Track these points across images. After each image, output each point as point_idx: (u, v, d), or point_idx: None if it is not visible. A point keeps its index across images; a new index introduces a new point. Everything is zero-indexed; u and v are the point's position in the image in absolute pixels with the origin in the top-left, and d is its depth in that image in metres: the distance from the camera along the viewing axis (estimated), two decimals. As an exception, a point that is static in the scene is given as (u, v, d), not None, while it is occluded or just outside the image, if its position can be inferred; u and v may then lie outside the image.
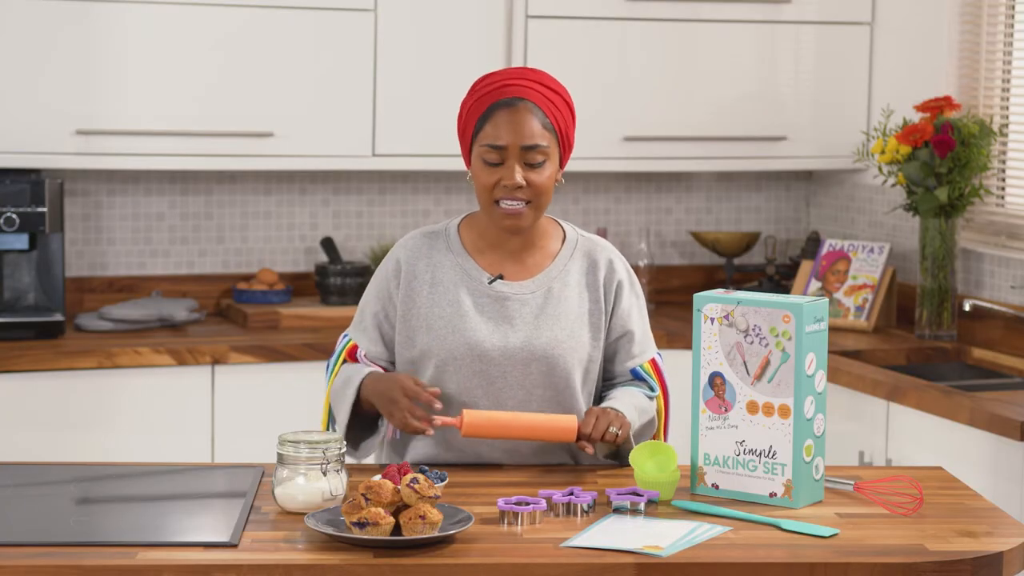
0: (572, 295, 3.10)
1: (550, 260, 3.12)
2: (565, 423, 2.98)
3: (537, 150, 2.99)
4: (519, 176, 2.98)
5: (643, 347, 3.17)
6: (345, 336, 3.17)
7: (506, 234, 3.07)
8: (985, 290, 4.75)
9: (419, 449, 3.13)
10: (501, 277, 3.09)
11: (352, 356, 3.15)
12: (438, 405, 2.97)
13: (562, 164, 3.06)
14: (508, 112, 2.99)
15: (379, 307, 3.14)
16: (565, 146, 3.05)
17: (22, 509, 2.79)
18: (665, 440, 3.20)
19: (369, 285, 3.18)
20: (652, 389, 3.15)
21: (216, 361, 4.47)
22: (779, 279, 5.25)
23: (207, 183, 5.03)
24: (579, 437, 2.98)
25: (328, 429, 3.18)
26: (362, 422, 3.13)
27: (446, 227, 3.15)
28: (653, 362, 3.17)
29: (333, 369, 3.15)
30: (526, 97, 3.00)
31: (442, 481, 2.89)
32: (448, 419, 2.96)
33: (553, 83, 3.05)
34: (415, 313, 3.09)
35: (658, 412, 3.16)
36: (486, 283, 3.08)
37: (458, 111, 3.08)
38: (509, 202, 3.00)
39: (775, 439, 2.83)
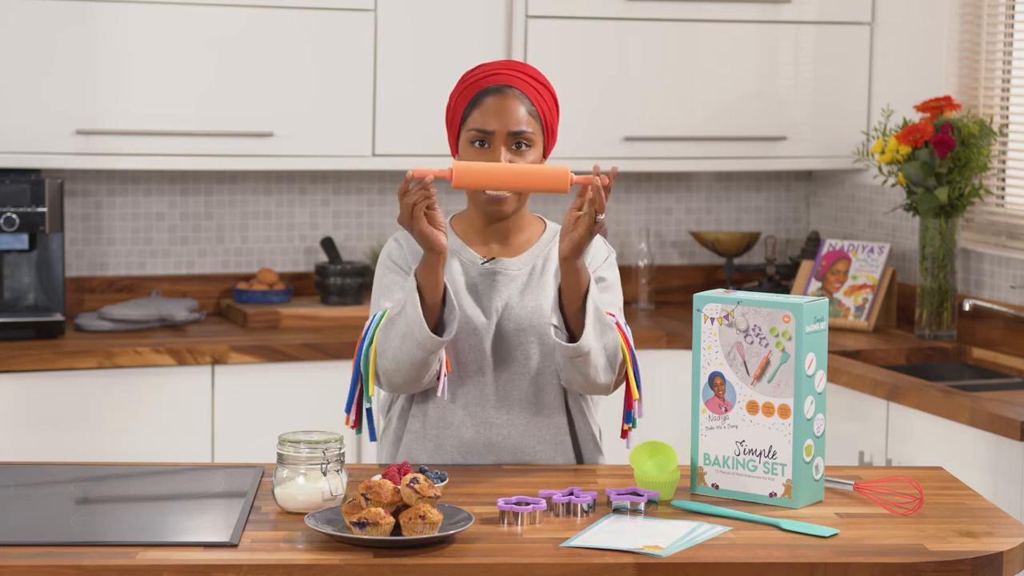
0: (554, 270, 3.16)
1: (536, 240, 3.19)
2: (557, 172, 2.91)
3: (523, 136, 3.07)
4: (505, 161, 3.04)
5: (613, 297, 3.15)
6: (373, 316, 3.09)
7: (492, 219, 3.14)
8: (985, 290, 4.75)
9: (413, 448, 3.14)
10: (494, 259, 3.15)
11: None
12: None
13: (546, 153, 3.13)
14: (496, 99, 3.07)
15: (401, 277, 3.13)
16: (549, 135, 3.13)
17: (22, 509, 2.79)
18: (635, 374, 3.11)
19: (378, 273, 3.17)
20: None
21: (216, 361, 4.46)
22: (779, 279, 5.25)
23: (207, 183, 5.02)
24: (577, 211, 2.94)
25: (372, 375, 3.07)
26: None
27: None
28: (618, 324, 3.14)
29: (372, 335, 3.05)
30: (513, 85, 3.08)
31: (442, 481, 2.89)
32: (437, 171, 2.90)
33: (539, 75, 3.13)
34: None
35: (622, 350, 3.08)
36: (479, 264, 3.14)
37: (447, 102, 3.16)
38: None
39: (775, 439, 2.83)
